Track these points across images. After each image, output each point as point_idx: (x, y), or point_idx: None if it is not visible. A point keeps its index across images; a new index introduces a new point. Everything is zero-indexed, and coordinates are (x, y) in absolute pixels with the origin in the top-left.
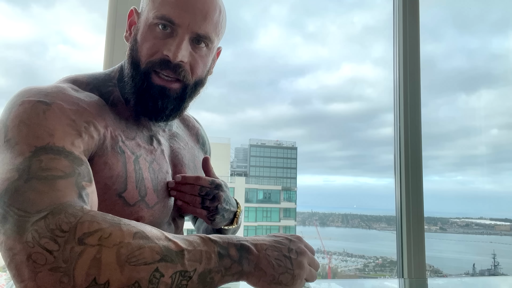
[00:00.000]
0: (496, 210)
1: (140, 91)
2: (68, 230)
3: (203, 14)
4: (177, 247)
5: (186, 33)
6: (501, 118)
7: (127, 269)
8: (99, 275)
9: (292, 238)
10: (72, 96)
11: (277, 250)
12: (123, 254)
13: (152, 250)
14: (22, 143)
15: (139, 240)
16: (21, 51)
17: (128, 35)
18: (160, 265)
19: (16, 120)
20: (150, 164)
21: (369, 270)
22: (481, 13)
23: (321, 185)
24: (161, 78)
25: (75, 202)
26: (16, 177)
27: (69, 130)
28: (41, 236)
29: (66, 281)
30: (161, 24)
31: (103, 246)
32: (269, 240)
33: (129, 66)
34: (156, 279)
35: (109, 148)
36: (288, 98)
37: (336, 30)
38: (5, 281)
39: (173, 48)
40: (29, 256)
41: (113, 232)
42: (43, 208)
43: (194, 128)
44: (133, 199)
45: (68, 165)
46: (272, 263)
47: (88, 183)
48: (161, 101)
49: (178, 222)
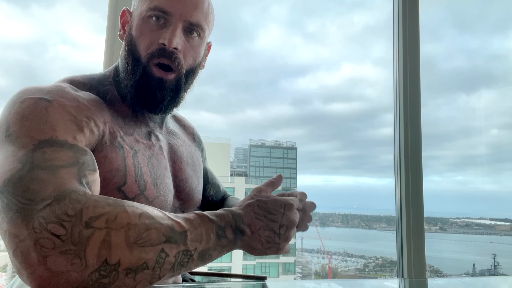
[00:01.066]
0: (496, 210)
1: (140, 84)
2: (74, 215)
3: (194, 3)
4: (180, 227)
5: (178, 21)
6: (501, 118)
7: (136, 250)
8: (110, 255)
9: (286, 210)
10: (72, 93)
11: (269, 228)
12: (131, 236)
13: (158, 232)
14: (25, 137)
15: (145, 221)
16: (21, 51)
17: (122, 34)
18: (165, 246)
19: (18, 115)
20: (148, 159)
21: (369, 270)
22: (481, 13)
23: (321, 185)
24: (159, 70)
25: (77, 188)
26: (19, 168)
27: (71, 125)
28: (48, 222)
29: (78, 262)
30: (154, 16)
31: (111, 229)
32: (263, 218)
33: (129, 61)
34: (162, 259)
35: (108, 143)
36: (288, 98)
37: (336, 30)
38: (5, 281)
39: (168, 35)
40: (37, 241)
41: (119, 214)
42: (47, 196)
43: (190, 127)
44: (133, 193)
45: (71, 156)
46: (262, 241)
47: (91, 172)
48: (159, 93)
49: None
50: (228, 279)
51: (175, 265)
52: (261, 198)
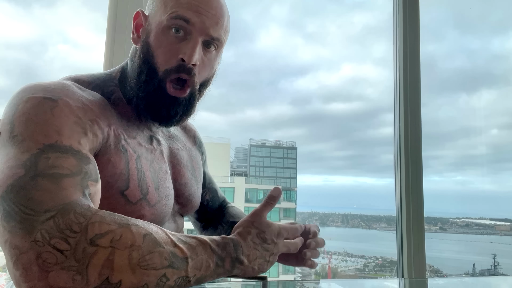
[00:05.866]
0: (496, 210)
1: (153, 98)
2: (79, 231)
3: (216, 18)
4: (182, 253)
5: (199, 35)
6: (501, 118)
7: (138, 272)
8: (112, 275)
9: (278, 238)
10: (77, 93)
11: (263, 257)
12: (134, 258)
13: (161, 256)
14: (30, 140)
15: (149, 244)
16: (21, 50)
17: (136, 37)
18: (167, 271)
19: (23, 116)
20: (150, 164)
21: (369, 270)
22: (482, 14)
23: (321, 185)
24: (175, 90)
25: (81, 201)
26: (22, 174)
27: (76, 128)
28: (51, 236)
29: (79, 279)
30: (174, 27)
31: (115, 248)
32: (260, 247)
33: (143, 70)
34: (162, 282)
35: (112, 146)
36: (288, 98)
37: (336, 30)
38: (5, 281)
39: (188, 51)
40: (39, 256)
41: (124, 234)
42: (50, 207)
43: (191, 130)
44: (135, 197)
45: (75, 164)
46: (255, 269)
47: (93, 182)
48: (172, 109)
49: (178, 221)
50: (228, 279)
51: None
52: (261, 227)
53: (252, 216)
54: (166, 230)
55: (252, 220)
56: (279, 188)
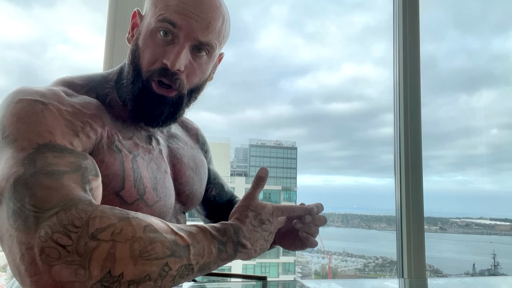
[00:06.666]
0: (496, 210)
1: (139, 98)
2: (80, 225)
3: (206, 22)
4: (183, 241)
5: (186, 40)
6: (501, 118)
7: (140, 263)
8: (113, 268)
9: (274, 219)
10: (66, 99)
11: (263, 238)
12: (136, 249)
13: (163, 245)
14: (23, 139)
15: (150, 234)
16: (21, 50)
17: (130, 37)
18: (169, 260)
19: (14, 117)
20: (148, 163)
21: (369, 270)
22: (482, 14)
23: (321, 185)
24: (160, 88)
25: (83, 196)
26: (22, 172)
27: (67, 130)
28: (54, 231)
29: (82, 273)
30: (162, 30)
31: (116, 241)
32: (259, 229)
33: (130, 71)
34: (165, 272)
35: (106, 147)
36: (288, 98)
37: (336, 30)
38: (5, 281)
39: (172, 56)
40: (43, 251)
41: (124, 227)
42: (54, 204)
43: (193, 129)
44: (131, 197)
45: (73, 161)
46: (257, 251)
47: (94, 177)
48: (158, 109)
49: (180, 219)
50: (228, 279)
51: (176, 278)
52: (256, 209)
53: (245, 200)
54: (166, 221)
55: (247, 204)
56: (265, 168)
